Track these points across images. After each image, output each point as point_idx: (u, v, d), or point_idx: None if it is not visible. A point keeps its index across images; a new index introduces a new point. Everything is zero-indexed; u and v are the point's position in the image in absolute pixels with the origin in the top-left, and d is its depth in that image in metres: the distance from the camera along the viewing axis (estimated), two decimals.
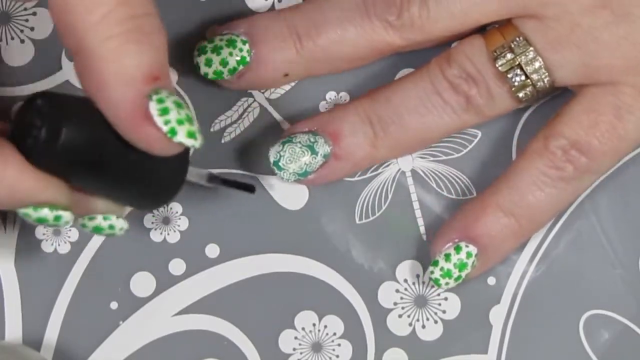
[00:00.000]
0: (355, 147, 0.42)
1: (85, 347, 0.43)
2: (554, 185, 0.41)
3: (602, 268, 0.43)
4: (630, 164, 0.44)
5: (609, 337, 0.43)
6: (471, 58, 0.41)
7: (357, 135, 0.42)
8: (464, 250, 0.41)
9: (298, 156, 0.41)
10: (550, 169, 0.41)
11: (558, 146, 0.41)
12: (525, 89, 0.41)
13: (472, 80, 0.41)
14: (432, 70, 0.41)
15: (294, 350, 0.43)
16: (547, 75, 0.41)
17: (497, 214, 0.41)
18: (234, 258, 0.43)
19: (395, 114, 0.41)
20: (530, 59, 0.40)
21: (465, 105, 0.41)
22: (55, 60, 0.44)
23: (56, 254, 0.44)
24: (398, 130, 0.41)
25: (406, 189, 0.44)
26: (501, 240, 0.42)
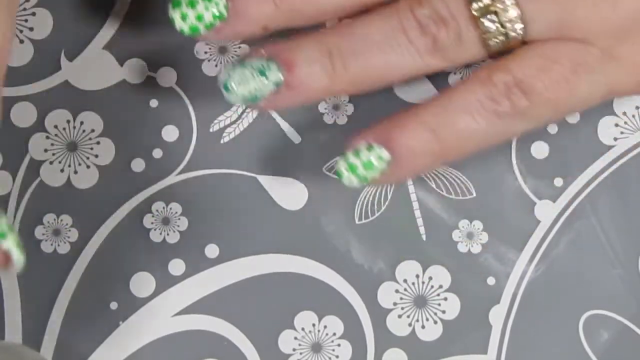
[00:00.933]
0: (310, 78, 0.40)
1: (85, 347, 0.43)
2: (486, 117, 0.39)
3: (601, 268, 0.44)
4: (630, 164, 0.44)
5: (609, 337, 0.43)
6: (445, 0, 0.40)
7: (313, 66, 0.40)
8: (376, 152, 0.40)
9: (248, 80, 0.40)
10: (487, 100, 0.39)
11: (502, 80, 0.39)
12: (497, 37, 0.40)
13: (442, 22, 0.39)
14: (402, 8, 0.40)
15: (293, 351, 0.44)
16: (522, 27, 0.39)
17: (420, 127, 0.40)
18: (234, 258, 0.44)
19: (357, 48, 0.40)
20: (507, 5, 0.39)
21: (432, 47, 0.40)
22: (55, 61, 0.44)
23: (56, 254, 0.44)
24: (358, 65, 0.40)
25: (406, 189, 0.44)
26: (417, 155, 0.40)
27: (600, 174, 0.44)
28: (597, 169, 0.44)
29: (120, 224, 0.44)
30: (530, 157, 0.44)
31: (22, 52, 0.44)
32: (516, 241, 0.44)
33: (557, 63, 0.39)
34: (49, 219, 0.44)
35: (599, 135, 0.44)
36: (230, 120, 0.44)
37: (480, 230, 0.44)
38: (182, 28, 0.40)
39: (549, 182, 0.44)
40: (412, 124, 0.40)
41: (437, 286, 0.44)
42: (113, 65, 0.44)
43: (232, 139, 0.44)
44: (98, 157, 0.44)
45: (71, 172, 0.44)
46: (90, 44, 0.44)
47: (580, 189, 0.44)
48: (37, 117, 0.44)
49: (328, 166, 0.44)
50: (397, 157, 0.40)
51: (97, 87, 0.44)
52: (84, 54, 0.44)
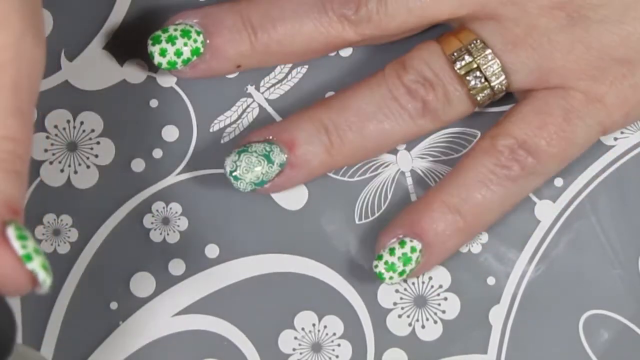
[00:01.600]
0: (311, 155, 0.41)
1: (85, 347, 0.43)
2: (500, 183, 0.41)
3: (601, 268, 0.43)
4: (630, 164, 0.44)
5: (609, 337, 0.43)
6: (428, 62, 0.41)
7: (312, 143, 0.41)
8: (409, 245, 0.41)
9: (254, 166, 0.41)
10: (497, 167, 0.41)
11: (506, 145, 0.41)
12: (483, 91, 0.41)
13: (429, 84, 0.41)
14: (389, 76, 0.41)
15: (293, 351, 0.43)
16: (504, 77, 0.41)
17: (442, 210, 0.41)
18: (234, 258, 0.43)
19: (352, 121, 0.41)
20: (489, 61, 0.40)
21: (422, 110, 0.41)
22: (55, 61, 0.44)
23: (56, 254, 0.44)
24: (355, 137, 0.41)
25: (406, 189, 0.44)
26: (446, 237, 0.41)
27: (600, 174, 0.44)
28: (597, 169, 0.44)
29: (120, 224, 0.44)
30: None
31: None
32: (516, 241, 0.44)
33: (551, 116, 0.41)
34: (49, 219, 0.44)
35: None
36: (230, 120, 0.44)
37: None
38: (160, 62, 0.41)
39: (549, 182, 0.44)
40: (436, 209, 0.41)
41: (437, 286, 0.44)
42: (113, 65, 0.44)
43: (232, 139, 0.44)
44: (98, 157, 0.44)
45: (71, 172, 0.44)
46: (90, 44, 0.44)
47: (580, 189, 0.44)
48: (37, 117, 0.44)
49: None
50: (429, 244, 0.41)
51: (97, 87, 0.44)
52: (84, 54, 0.44)
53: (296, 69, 0.44)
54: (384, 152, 0.43)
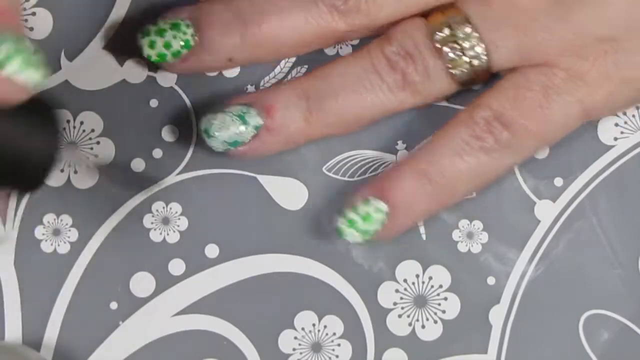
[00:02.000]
0: (288, 120, 0.41)
1: (85, 347, 0.43)
2: (474, 154, 0.41)
3: (601, 268, 0.43)
4: (630, 164, 0.44)
5: (609, 337, 0.43)
6: (410, 35, 0.41)
7: (290, 109, 0.41)
8: (373, 205, 0.41)
9: (228, 125, 0.41)
10: (472, 138, 0.41)
11: (482, 116, 0.41)
12: (461, 66, 0.41)
13: (409, 57, 0.41)
14: (373, 49, 0.41)
15: (293, 351, 0.43)
16: (484, 55, 0.41)
17: (412, 174, 0.41)
18: (234, 258, 0.43)
19: (332, 90, 0.41)
20: (467, 34, 0.40)
21: (402, 83, 0.41)
22: (55, 60, 0.44)
23: (56, 254, 0.44)
24: (334, 107, 0.41)
25: None
26: (413, 201, 0.41)
27: (600, 174, 0.44)
28: (597, 169, 0.44)
29: (120, 224, 0.44)
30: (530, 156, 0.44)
31: None
32: (516, 241, 0.44)
33: (529, 90, 0.40)
34: (49, 219, 0.44)
35: (599, 135, 0.44)
36: None
37: (480, 230, 0.44)
38: (149, 54, 0.42)
39: (549, 182, 0.44)
40: (404, 172, 0.41)
41: (437, 286, 0.44)
42: (113, 65, 0.44)
43: None
44: (98, 157, 0.44)
45: (71, 172, 0.44)
46: (90, 44, 0.44)
47: (581, 189, 0.44)
48: None
49: (328, 166, 0.44)
50: (394, 206, 0.41)
51: (97, 87, 0.44)
52: (84, 54, 0.44)
53: (296, 68, 0.44)
54: (363, 125, 0.42)
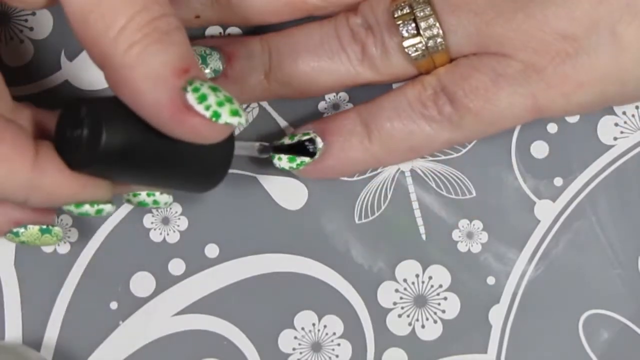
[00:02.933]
0: (247, 70, 0.42)
1: (85, 347, 0.43)
2: (413, 118, 0.41)
3: (601, 268, 0.43)
4: (630, 164, 0.44)
5: (609, 337, 0.43)
6: (374, 9, 0.41)
7: (252, 59, 0.42)
8: (311, 137, 0.42)
9: None
10: (416, 102, 0.41)
11: (431, 85, 0.41)
12: (416, 45, 0.41)
13: (370, 30, 0.41)
14: (339, 18, 0.42)
15: (293, 350, 0.44)
16: (441, 37, 0.40)
17: (355, 120, 0.42)
18: (234, 258, 0.44)
19: (293, 49, 0.42)
20: (426, 14, 0.40)
21: (361, 54, 0.41)
22: (55, 60, 0.44)
23: (56, 254, 0.44)
24: (291, 66, 0.42)
25: (405, 188, 0.44)
26: (347, 145, 0.42)
27: (600, 174, 0.44)
28: (597, 169, 0.44)
29: (120, 224, 0.44)
30: (530, 156, 0.44)
31: (22, 52, 0.44)
32: (516, 241, 0.44)
33: (479, 72, 0.40)
34: None
35: (598, 135, 0.44)
36: None
37: (480, 230, 0.44)
38: None
39: (549, 182, 0.44)
40: (347, 118, 0.42)
41: (437, 286, 0.44)
42: None
43: None
44: None
45: None
46: None
47: (580, 189, 0.44)
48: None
49: None
50: (329, 145, 0.41)
51: (97, 87, 0.44)
52: (84, 54, 0.44)
53: None
54: (320, 92, 0.43)
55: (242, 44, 0.42)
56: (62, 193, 0.36)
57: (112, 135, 0.35)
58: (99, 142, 0.35)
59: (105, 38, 0.34)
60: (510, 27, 0.40)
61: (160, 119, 0.35)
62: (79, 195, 0.37)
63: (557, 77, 0.40)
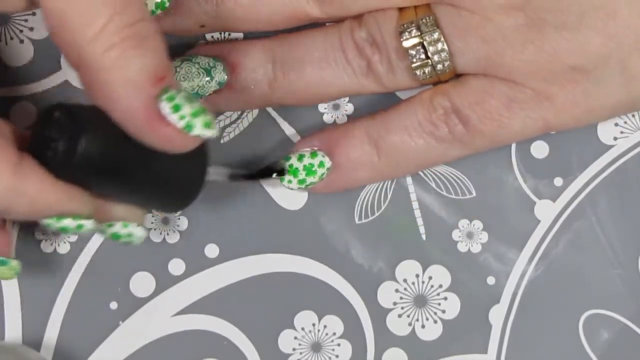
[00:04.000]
0: (252, 82, 0.41)
1: (85, 347, 0.43)
2: (424, 138, 0.41)
3: (601, 268, 0.43)
4: (630, 164, 0.44)
5: (609, 337, 0.43)
6: (380, 26, 0.41)
7: (256, 71, 0.41)
8: (319, 158, 0.41)
9: (193, 76, 0.41)
10: (426, 121, 0.41)
11: (441, 104, 0.41)
12: (424, 68, 0.41)
13: (376, 46, 0.41)
14: (343, 29, 0.41)
15: (293, 350, 0.44)
16: (448, 60, 0.40)
17: (362, 139, 0.41)
18: (234, 258, 0.44)
19: (298, 60, 0.41)
20: (435, 39, 0.40)
21: (366, 69, 0.41)
22: (55, 60, 0.44)
23: (56, 254, 0.44)
24: (296, 76, 0.41)
25: (405, 188, 0.44)
26: (356, 165, 0.42)
27: (600, 174, 0.44)
28: (597, 169, 0.44)
29: None
30: (530, 156, 0.44)
31: (22, 52, 0.44)
32: (516, 241, 0.44)
33: (493, 98, 0.40)
34: None
35: (599, 135, 0.44)
36: (230, 120, 0.44)
37: (480, 230, 0.44)
38: None
39: (549, 182, 0.44)
40: (356, 136, 0.41)
41: (437, 286, 0.44)
42: None
43: (232, 139, 0.44)
44: None
45: None
46: None
47: (580, 189, 0.44)
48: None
49: None
50: (338, 165, 0.41)
51: None
52: None
53: None
54: (322, 101, 0.43)
55: (246, 53, 0.41)
56: (44, 201, 0.36)
57: (89, 142, 0.35)
58: (76, 148, 0.35)
59: (82, 38, 0.34)
60: (520, 59, 0.40)
61: (133, 124, 0.35)
62: (61, 205, 0.36)
63: (568, 103, 0.40)
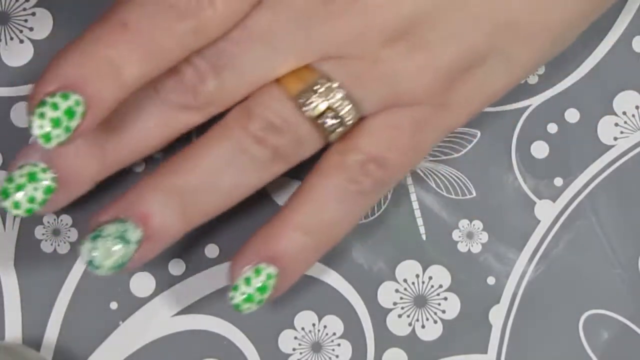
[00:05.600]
0: (166, 224, 0.39)
1: (85, 347, 0.43)
2: (351, 199, 0.40)
3: (601, 268, 0.44)
4: (630, 164, 0.44)
5: (609, 337, 0.43)
6: (274, 109, 0.39)
7: (165, 212, 0.39)
8: (265, 272, 0.40)
9: (112, 251, 0.39)
10: (348, 184, 0.39)
11: (356, 160, 0.39)
12: (337, 129, 0.39)
13: (277, 131, 0.39)
14: (234, 128, 0.39)
15: (293, 350, 0.44)
16: (354, 112, 0.39)
17: (295, 233, 0.40)
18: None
19: (205, 181, 0.39)
20: (338, 99, 0.39)
21: (273, 156, 0.39)
22: None
23: (56, 254, 0.44)
24: (210, 196, 0.40)
25: (405, 188, 0.44)
26: (300, 260, 0.40)
27: (600, 174, 0.44)
28: (597, 169, 0.44)
29: None
30: (530, 156, 0.44)
31: (22, 52, 0.44)
32: (516, 241, 0.44)
33: (401, 129, 0.39)
34: (49, 218, 0.44)
35: (599, 135, 0.44)
36: None
37: (480, 230, 0.44)
38: (17, 214, 0.39)
39: (549, 182, 0.44)
40: (286, 231, 0.40)
41: (437, 286, 0.44)
42: None
43: None
44: None
45: None
46: None
47: (580, 189, 0.44)
48: None
49: None
50: (283, 269, 0.40)
51: None
52: None
53: None
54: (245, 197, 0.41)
55: (146, 199, 0.39)
56: None
57: None
58: None
59: None
60: (418, 83, 0.39)
61: None
62: None
63: (462, 102, 0.40)
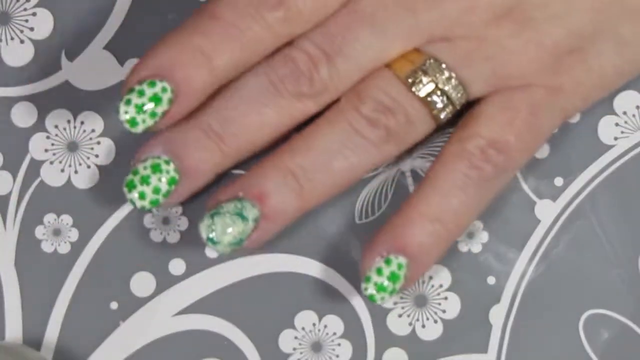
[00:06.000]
0: (283, 204, 0.40)
1: (85, 347, 0.43)
2: (476, 185, 0.40)
3: (601, 267, 0.43)
4: (631, 164, 0.44)
5: (609, 337, 0.43)
6: (385, 89, 0.40)
7: (282, 191, 0.40)
8: (395, 262, 0.40)
9: (229, 226, 0.40)
10: (471, 170, 0.40)
11: (476, 146, 0.40)
12: (446, 109, 0.41)
13: (388, 111, 0.40)
14: (347, 110, 0.40)
15: (294, 350, 0.43)
16: (463, 91, 0.40)
17: (423, 221, 0.40)
18: (234, 258, 0.43)
19: (319, 161, 0.40)
20: (446, 78, 0.40)
21: (386, 136, 0.40)
22: (55, 61, 0.44)
23: (56, 254, 0.44)
24: (324, 177, 0.41)
25: (406, 188, 0.44)
26: (430, 248, 0.41)
27: (600, 174, 0.44)
28: (597, 169, 0.44)
29: (120, 224, 0.44)
30: None
31: (22, 52, 0.44)
32: (516, 240, 0.44)
33: (517, 111, 0.40)
34: (49, 218, 0.44)
35: (599, 135, 0.44)
36: None
37: (480, 230, 0.44)
38: (143, 206, 0.40)
39: (549, 182, 0.44)
40: (412, 221, 0.41)
41: (438, 285, 0.44)
42: (113, 65, 0.44)
43: None
44: (98, 157, 0.44)
45: (72, 172, 0.44)
46: (90, 44, 0.44)
47: (581, 189, 0.44)
48: (37, 117, 0.44)
49: None
50: (414, 257, 0.41)
51: (98, 87, 0.44)
52: (84, 54, 0.44)
53: None
54: (355, 182, 0.42)
55: (265, 178, 0.40)
56: None
57: None
58: None
59: None
60: (525, 60, 0.40)
61: None
62: None
63: (575, 86, 0.41)
